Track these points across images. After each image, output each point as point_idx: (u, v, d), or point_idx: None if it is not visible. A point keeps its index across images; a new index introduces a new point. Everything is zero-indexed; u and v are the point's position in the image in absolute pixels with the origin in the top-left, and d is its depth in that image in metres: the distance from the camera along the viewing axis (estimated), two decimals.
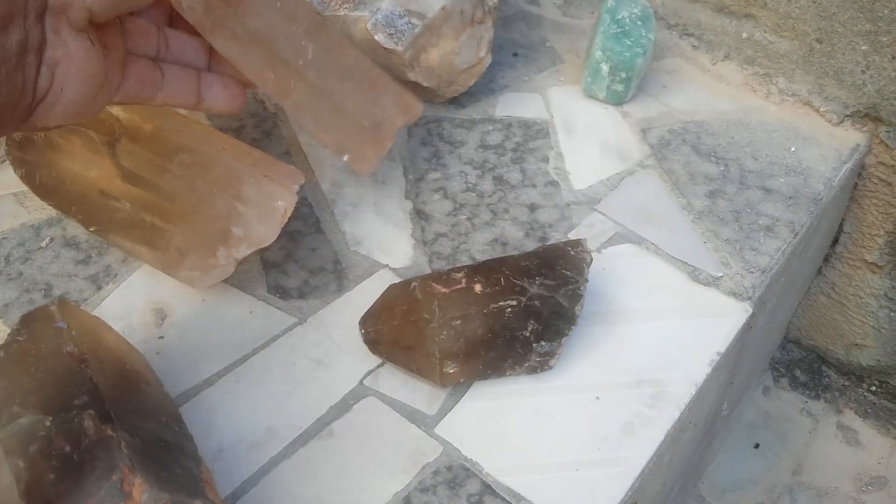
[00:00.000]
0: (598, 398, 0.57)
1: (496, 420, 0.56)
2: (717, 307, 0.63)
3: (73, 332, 0.48)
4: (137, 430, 0.44)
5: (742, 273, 0.65)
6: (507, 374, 0.57)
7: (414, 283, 0.57)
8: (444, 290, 0.55)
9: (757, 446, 0.98)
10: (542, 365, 0.57)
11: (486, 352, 0.55)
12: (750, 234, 0.68)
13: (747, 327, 0.63)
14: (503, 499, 0.52)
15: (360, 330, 0.58)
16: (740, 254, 0.66)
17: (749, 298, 0.63)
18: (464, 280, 0.55)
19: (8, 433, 0.42)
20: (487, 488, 0.53)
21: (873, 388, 1.00)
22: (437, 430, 0.56)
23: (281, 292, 0.64)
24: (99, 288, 0.65)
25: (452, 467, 0.54)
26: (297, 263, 0.66)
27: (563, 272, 0.56)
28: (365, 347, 0.59)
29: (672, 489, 0.77)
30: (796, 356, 1.05)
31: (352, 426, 0.57)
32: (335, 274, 0.66)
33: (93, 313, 0.63)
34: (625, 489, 0.53)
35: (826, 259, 0.92)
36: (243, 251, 0.58)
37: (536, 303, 0.55)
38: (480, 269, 0.56)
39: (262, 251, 0.62)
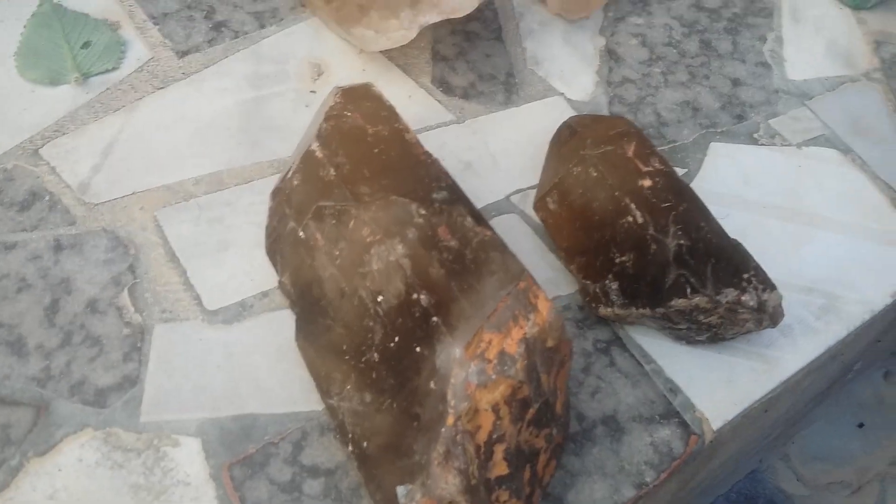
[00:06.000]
0: None
1: None
2: None
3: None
4: None
5: None
6: None
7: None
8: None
9: (861, 426, 0.91)
10: None
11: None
12: None
13: None
14: None
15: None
16: None
17: None
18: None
19: (375, 211, 0.37)
20: None
21: None
22: None
23: (445, 86, 0.59)
24: (262, 27, 0.61)
25: None
26: (467, 63, 0.61)
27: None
28: (519, 166, 0.54)
29: (773, 431, 0.70)
30: None
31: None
32: (505, 86, 0.60)
33: (248, 49, 0.59)
34: (766, 389, 0.47)
35: None
36: (430, 17, 0.53)
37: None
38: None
39: (450, 23, 0.57)
